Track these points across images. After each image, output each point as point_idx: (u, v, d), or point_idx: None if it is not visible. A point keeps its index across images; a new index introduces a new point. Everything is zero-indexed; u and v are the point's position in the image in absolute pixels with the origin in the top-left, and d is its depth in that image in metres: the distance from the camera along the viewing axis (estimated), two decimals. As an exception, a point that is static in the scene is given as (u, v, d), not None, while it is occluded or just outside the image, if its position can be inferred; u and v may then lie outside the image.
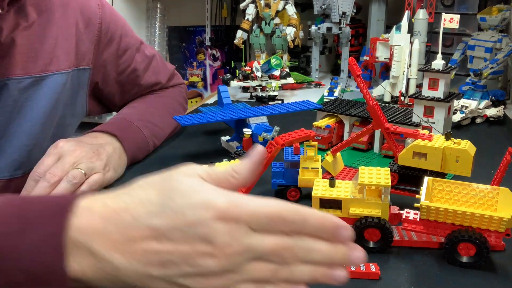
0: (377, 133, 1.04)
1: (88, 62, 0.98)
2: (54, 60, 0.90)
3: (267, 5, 1.67)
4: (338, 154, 0.87)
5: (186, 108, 1.23)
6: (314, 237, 0.45)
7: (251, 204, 0.43)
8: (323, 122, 1.07)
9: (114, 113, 1.11)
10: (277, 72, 1.54)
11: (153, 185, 0.45)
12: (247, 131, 0.97)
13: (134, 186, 0.46)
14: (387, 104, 1.35)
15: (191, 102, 2.14)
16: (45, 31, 0.89)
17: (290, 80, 1.57)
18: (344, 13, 1.70)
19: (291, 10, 1.69)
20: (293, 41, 1.68)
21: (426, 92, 1.04)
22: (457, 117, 1.22)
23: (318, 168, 0.78)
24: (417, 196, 0.65)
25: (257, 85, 1.51)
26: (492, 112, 1.28)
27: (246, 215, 0.43)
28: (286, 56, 1.76)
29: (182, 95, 1.22)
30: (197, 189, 0.44)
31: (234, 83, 1.52)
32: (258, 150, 0.51)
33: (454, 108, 1.23)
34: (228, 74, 1.53)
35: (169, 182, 0.45)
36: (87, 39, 0.96)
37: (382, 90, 1.43)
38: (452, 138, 0.75)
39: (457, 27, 1.04)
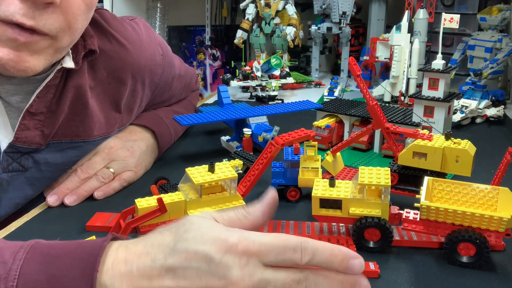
0: (377, 133, 1.04)
1: (144, 106, 1.01)
2: (123, 119, 0.93)
3: (267, 5, 1.67)
4: (338, 154, 0.87)
5: (196, 109, 1.28)
6: (325, 269, 0.46)
7: (261, 238, 0.45)
8: (323, 122, 1.07)
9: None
10: (277, 72, 1.54)
11: (170, 229, 0.48)
12: (247, 131, 0.97)
13: (154, 231, 0.49)
14: (387, 104, 1.35)
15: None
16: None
17: (290, 80, 1.57)
18: (344, 13, 1.70)
19: (291, 9, 1.69)
20: (293, 41, 1.68)
21: (426, 92, 1.04)
22: (457, 117, 1.22)
23: (318, 168, 0.78)
24: (417, 196, 0.65)
25: (257, 85, 1.51)
26: (492, 112, 1.28)
27: (257, 248, 0.44)
28: (286, 56, 1.76)
29: (197, 97, 1.29)
30: (210, 227, 0.47)
31: (234, 83, 1.52)
32: (271, 194, 0.53)
33: (454, 108, 1.23)
34: (228, 74, 1.53)
35: (183, 225, 0.48)
36: (148, 89, 0.98)
37: (382, 90, 1.43)
38: (452, 138, 0.75)
39: (457, 27, 1.04)
